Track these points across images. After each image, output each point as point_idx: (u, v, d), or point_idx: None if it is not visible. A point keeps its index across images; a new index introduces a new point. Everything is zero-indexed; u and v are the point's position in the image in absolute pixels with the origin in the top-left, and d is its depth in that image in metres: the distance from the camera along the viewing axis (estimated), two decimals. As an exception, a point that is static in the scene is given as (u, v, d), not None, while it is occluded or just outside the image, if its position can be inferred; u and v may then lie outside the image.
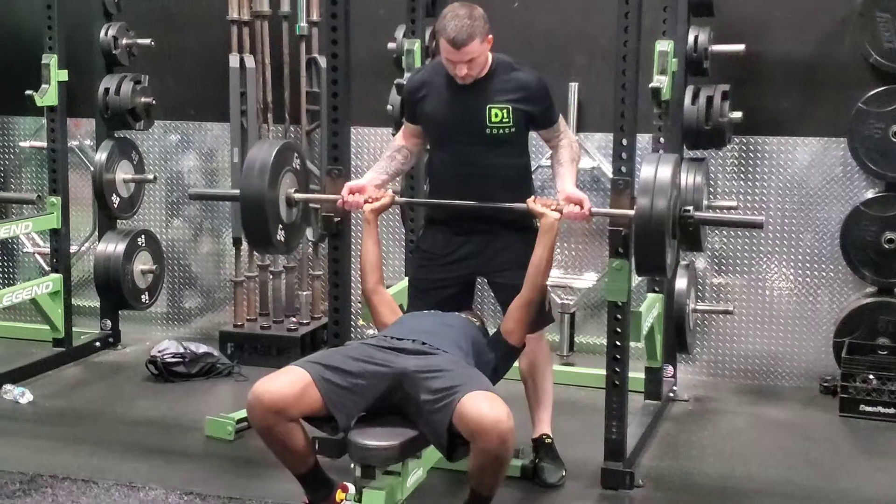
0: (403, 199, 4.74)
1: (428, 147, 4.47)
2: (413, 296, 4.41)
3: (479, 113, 4.11)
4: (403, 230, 5.61)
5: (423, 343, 3.73)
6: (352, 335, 4.61)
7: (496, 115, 4.10)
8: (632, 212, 3.94)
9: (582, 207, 3.97)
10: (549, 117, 4.22)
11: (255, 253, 6.17)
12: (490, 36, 4.03)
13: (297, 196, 4.40)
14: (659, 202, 3.83)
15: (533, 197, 4.05)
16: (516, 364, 4.21)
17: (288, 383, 3.55)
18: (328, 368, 3.60)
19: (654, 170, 3.88)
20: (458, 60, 3.99)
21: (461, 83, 4.08)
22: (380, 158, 4.42)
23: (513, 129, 4.13)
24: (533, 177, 4.46)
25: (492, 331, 4.13)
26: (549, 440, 4.40)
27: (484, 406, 3.39)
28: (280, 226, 4.34)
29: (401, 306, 4.64)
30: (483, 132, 4.12)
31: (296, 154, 4.49)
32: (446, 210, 4.29)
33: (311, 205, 4.95)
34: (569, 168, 4.16)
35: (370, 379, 3.60)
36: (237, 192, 4.35)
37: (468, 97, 4.12)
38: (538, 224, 4.02)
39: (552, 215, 3.95)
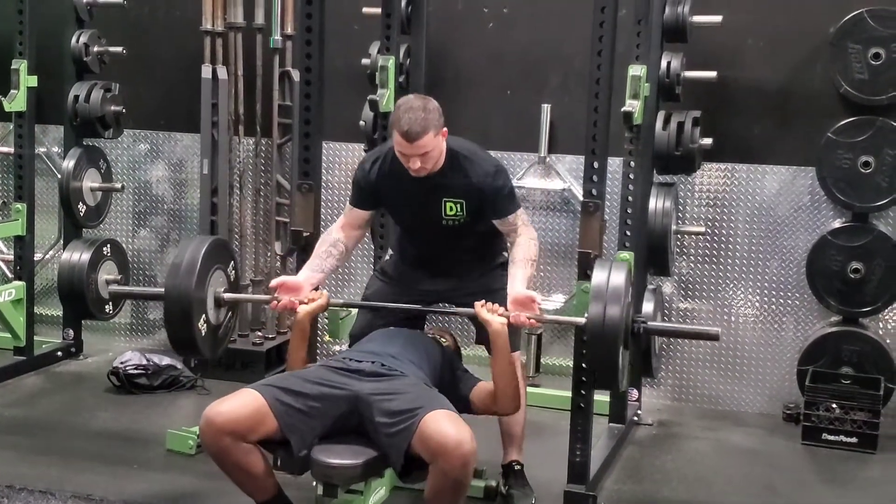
0: (340, 302, 4.44)
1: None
2: (363, 313, 4.32)
3: (435, 206, 4.03)
4: (373, 246, 5.58)
5: (383, 365, 3.69)
6: (318, 351, 4.57)
7: (451, 209, 4.03)
8: (583, 320, 3.80)
9: (533, 302, 3.82)
10: (503, 209, 4.06)
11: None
12: (445, 129, 3.93)
13: (227, 296, 4.17)
14: (612, 310, 3.69)
15: (482, 301, 3.87)
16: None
17: (240, 404, 3.51)
18: (283, 391, 3.55)
19: (606, 276, 3.78)
20: (411, 154, 3.86)
21: (414, 176, 3.97)
22: (314, 253, 4.19)
23: (468, 219, 4.05)
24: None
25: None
26: (519, 467, 4.37)
27: (447, 426, 3.37)
28: (205, 327, 4.08)
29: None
30: (440, 223, 4.06)
31: (227, 251, 4.31)
32: (414, 263, 4.27)
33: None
34: (521, 267, 3.96)
35: (326, 402, 3.56)
36: (161, 290, 4.09)
37: (424, 190, 4.01)
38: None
39: (498, 322, 3.80)
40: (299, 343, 4.00)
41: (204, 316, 4.06)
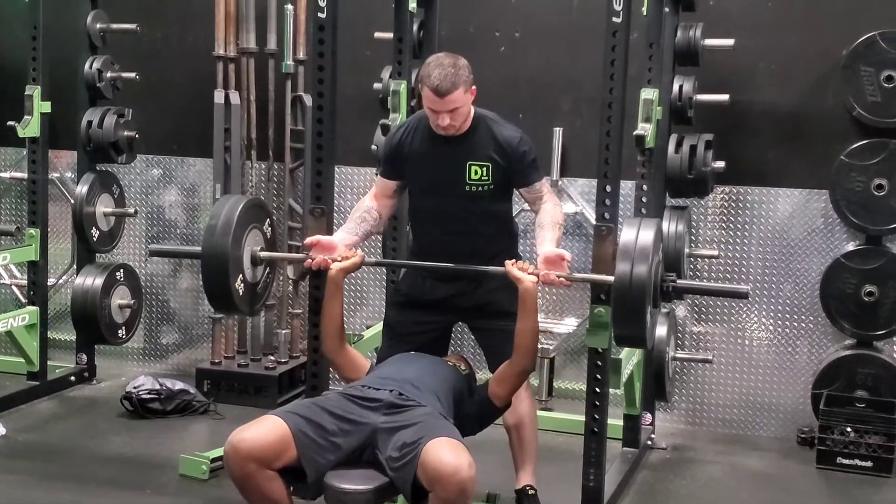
0: (374, 261, 4.53)
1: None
2: (387, 338, 4.32)
3: (459, 170, 4.04)
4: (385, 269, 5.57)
5: (401, 394, 3.64)
6: (330, 375, 4.55)
7: (476, 173, 4.04)
8: (611, 278, 3.79)
9: (563, 260, 3.83)
10: (528, 176, 4.09)
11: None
12: (474, 87, 3.96)
13: (263, 254, 4.23)
14: (639, 269, 3.66)
15: (513, 260, 3.90)
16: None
17: (265, 432, 3.46)
18: (306, 421, 3.51)
19: (634, 234, 3.74)
20: (440, 109, 3.90)
21: (443, 134, 4.00)
22: (349, 218, 4.25)
23: (492, 187, 4.06)
24: (518, 223, 4.41)
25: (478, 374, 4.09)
26: (533, 491, 4.34)
27: (444, 454, 3.32)
28: (242, 285, 4.14)
29: (376, 349, 4.61)
30: (462, 189, 4.06)
31: (263, 210, 4.35)
32: (429, 251, 4.22)
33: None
34: (550, 230, 4.00)
35: (343, 437, 3.52)
36: (198, 249, 4.14)
37: (449, 153, 4.04)
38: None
39: (528, 280, 3.81)
40: (333, 298, 4.02)
41: (241, 275, 4.11)
